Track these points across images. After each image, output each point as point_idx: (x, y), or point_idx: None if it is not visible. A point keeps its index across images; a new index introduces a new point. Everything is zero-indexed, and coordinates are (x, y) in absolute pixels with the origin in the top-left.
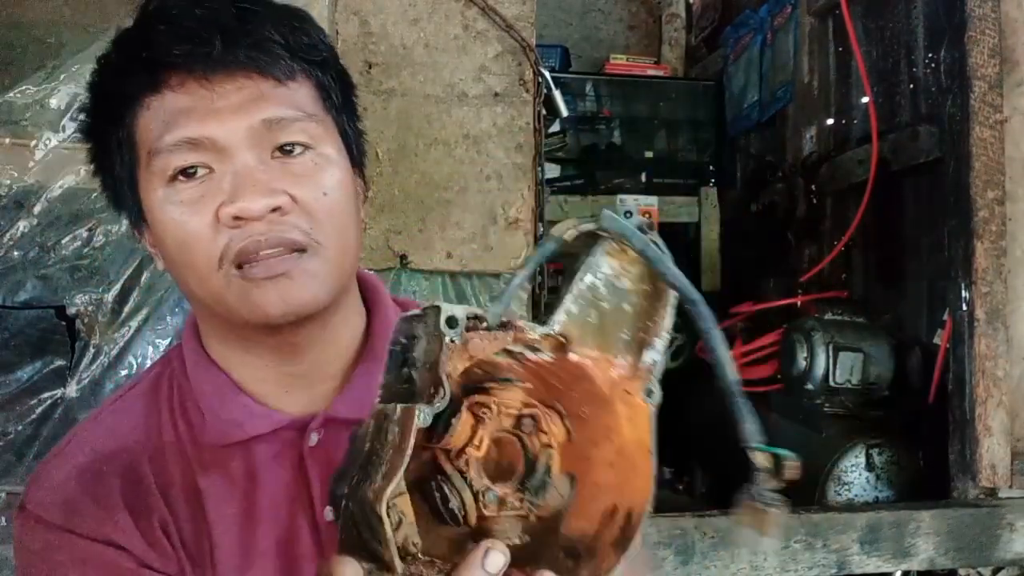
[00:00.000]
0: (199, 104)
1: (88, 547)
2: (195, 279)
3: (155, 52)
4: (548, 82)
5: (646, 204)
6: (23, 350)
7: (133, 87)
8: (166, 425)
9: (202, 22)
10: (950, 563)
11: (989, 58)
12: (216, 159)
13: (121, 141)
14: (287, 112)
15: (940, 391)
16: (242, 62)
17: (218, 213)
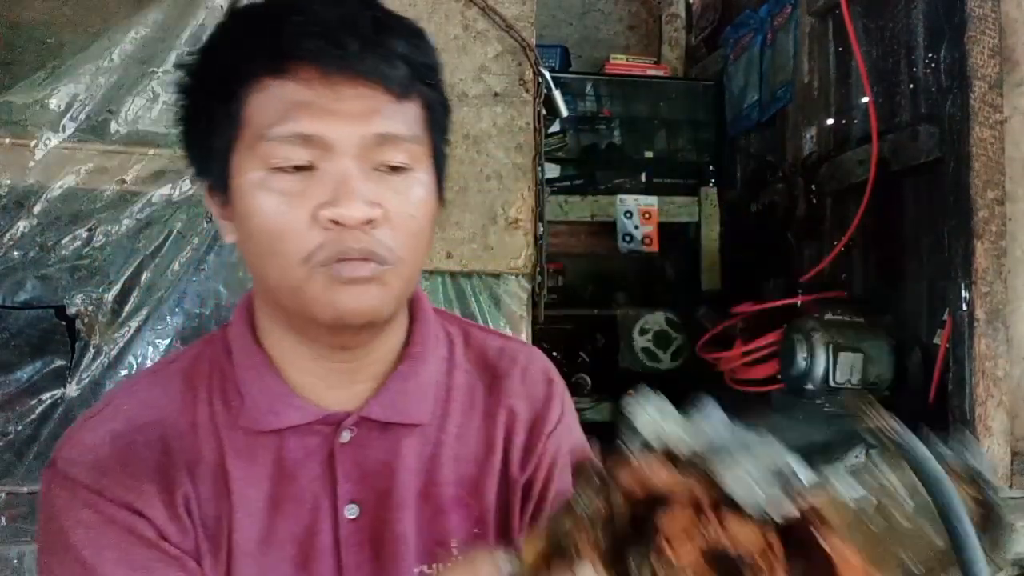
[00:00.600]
0: (319, 101)
1: (112, 510)
2: (277, 268)
3: (286, 40)
4: (548, 82)
5: (646, 204)
6: (23, 350)
7: (255, 66)
8: (202, 404)
9: (341, 23)
10: None
11: (989, 58)
12: (322, 158)
13: (229, 114)
14: (399, 130)
15: (940, 391)
16: (368, 71)
17: (316, 213)
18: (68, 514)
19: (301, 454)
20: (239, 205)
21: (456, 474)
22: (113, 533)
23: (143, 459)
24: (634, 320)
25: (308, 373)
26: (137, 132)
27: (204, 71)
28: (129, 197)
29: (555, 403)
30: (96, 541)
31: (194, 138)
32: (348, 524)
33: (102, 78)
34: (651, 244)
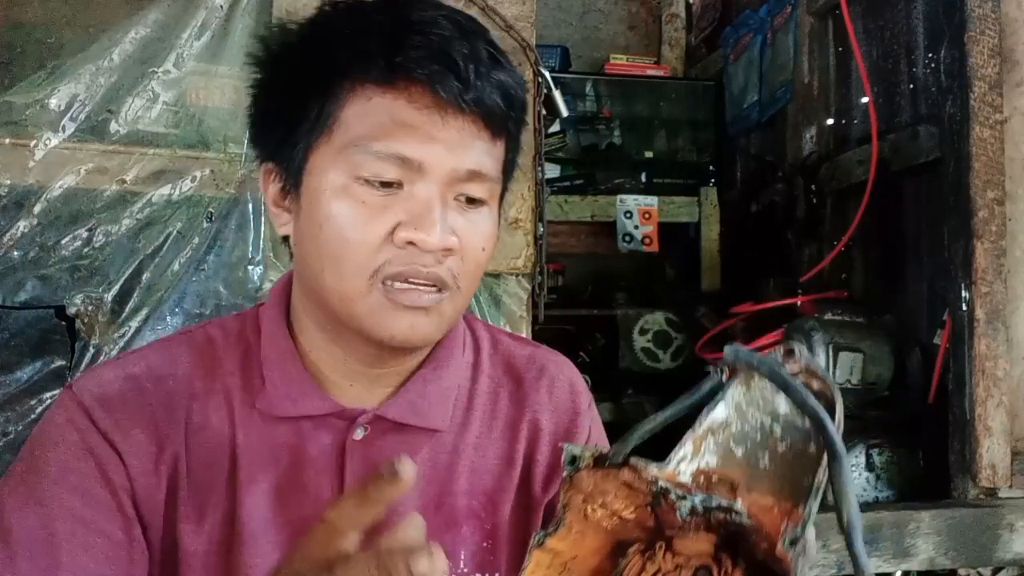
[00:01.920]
0: (424, 126)
1: (95, 440)
2: (336, 274)
3: (405, 58)
4: (548, 82)
5: (646, 204)
6: (23, 350)
7: (363, 72)
8: (222, 375)
9: (464, 54)
10: (950, 563)
11: (989, 58)
12: (410, 179)
13: (322, 111)
14: (487, 168)
15: (940, 391)
16: (476, 106)
17: (395, 232)
18: (57, 430)
19: (313, 445)
20: (312, 204)
21: (471, 485)
22: (85, 464)
23: (146, 406)
24: (634, 320)
25: (332, 370)
26: (137, 132)
27: (301, 56)
28: (129, 197)
29: (582, 419)
30: (66, 464)
31: (272, 121)
32: None
33: (102, 78)
34: (651, 244)
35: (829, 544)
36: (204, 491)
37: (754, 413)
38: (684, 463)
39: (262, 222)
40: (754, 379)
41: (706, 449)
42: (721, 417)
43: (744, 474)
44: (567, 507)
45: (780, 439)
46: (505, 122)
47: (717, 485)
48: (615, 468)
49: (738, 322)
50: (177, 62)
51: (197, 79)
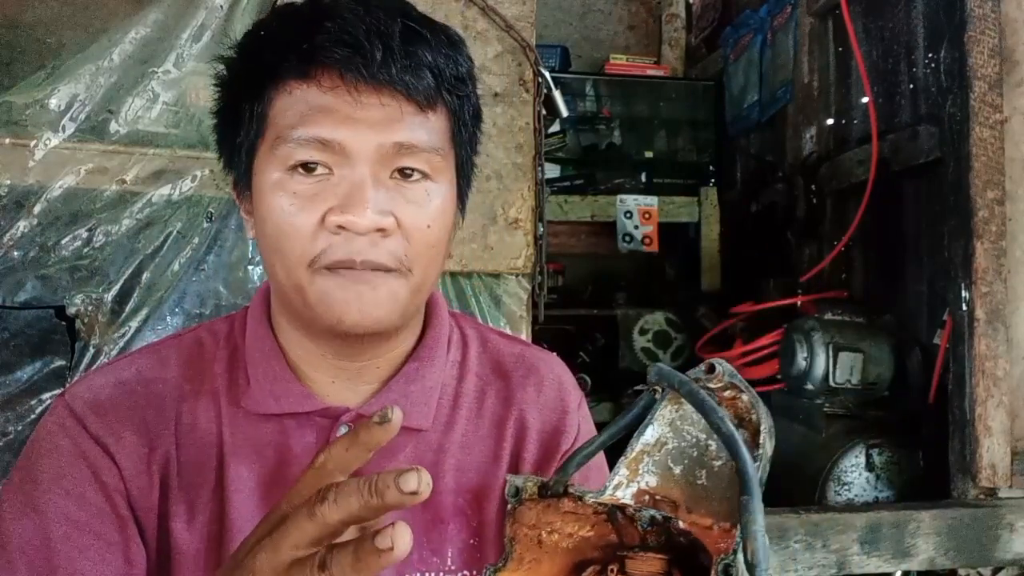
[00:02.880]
0: (340, 108)
1: (87, 445)
2: (282, 267)
3: (315, 45)
4: (548, 82)
5: (646, 204)
6: (23, 350)
7: (283, 69)
8: (211, 376)
9: (369, 33)
10: (950, 563)
11: (989, 58)
12: (338, 163)
13: (254, 113)
14: (419, 140)
15: (940, 391)
16: (391, 81)
17: (325, 217)
18: (50, 437)
19: (297, 443)
20: (258, 203)
21: (457, 483)
22: (78, 469)
23: (136, 409)
24: (634, 320)
25: (313, 368)
26: (137, 132)
27: (238, 68)
28: (129, 197)
29: (571, 418)
30: (60, 469)
31: (223, 133)
32: None
33: (102, 78)
34: (651, 244)
35: (829, 544)
36: (194, 490)
37: (689, 429)
38: (621, 489)
39: None
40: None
41: (644, 470)
42: (654, 437)
43: (684, 493)
44: (513, 540)
45: (716, 455)
46: (434, 93)
47: (660, 504)
48: (556, 498)
49: (738, 322)
50: (177, 62)
51: (197, 79)
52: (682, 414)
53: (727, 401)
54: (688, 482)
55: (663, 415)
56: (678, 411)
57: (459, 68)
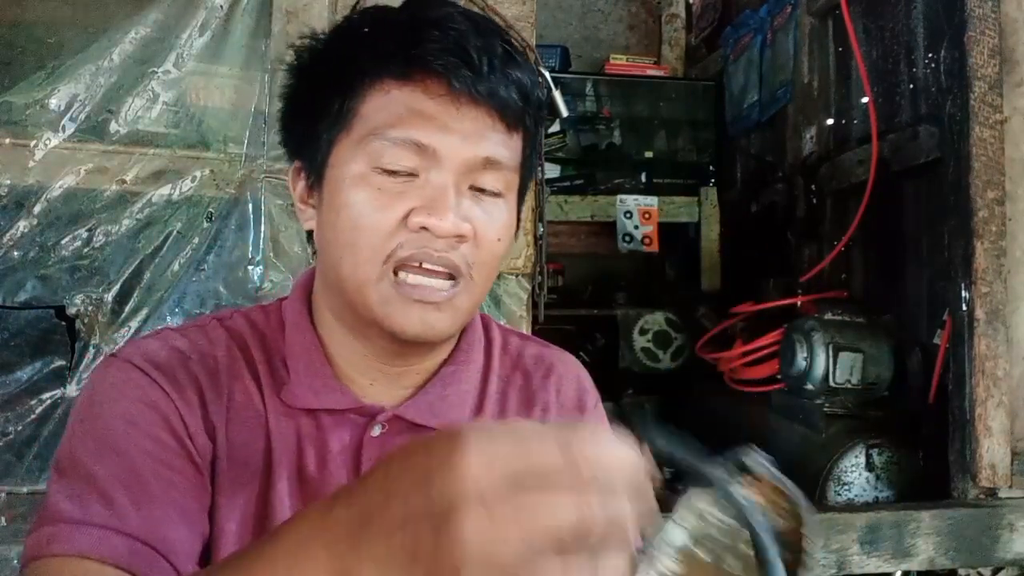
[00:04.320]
0: (440, 115)
1: (157, 395)
2: (351, 262)
3: (421, 52)
4: (548, 82)
5: (646, 204)
6: (23, 350)
7: (383, 68)
8: (251, 363)
9: (478, 48)
10: (950, 563)
11: (989, 58)
12: (426, 167)
13: (344, 106)
14: (503, 159)
15: (940, 391)
16: (490, 98)
17: (408, 216)
18: (114, 389)
19: (333, 438)
20: (332, 194)
21: None
22: (149, 414)
23: (192, 375)
24: (634, 320)
25: (354, 367)
26: (137, 132)
27: (326, 60)
28: (129, 197)
29: (588, 416)
30: (131, 415)
31: (298, 120)
32: None
33: (102, 78)
34: (651, 244)
35: (829, 544)
36: (240, 468)
37: (722, 518)
38: None
39: (262, 222)
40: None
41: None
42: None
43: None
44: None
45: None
46: (521, 116)
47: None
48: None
49: (738, 322)
50: (177, 62)
51: (197, 79)
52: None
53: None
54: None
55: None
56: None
57: (541, 95)
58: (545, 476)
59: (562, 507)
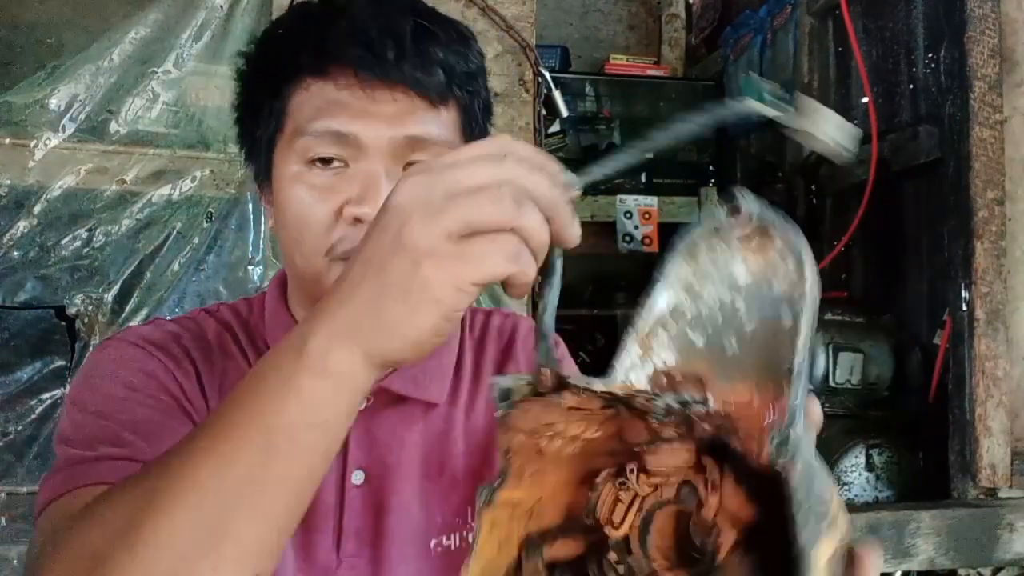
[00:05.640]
0: (355, 103)
1: (154, 365)
2: (300, 256)
3: (330, 44)
4: (548, 82)
5: (646, 204)
6: (23, 350)
7: (300, 66)
8: (241, 351)
9: (381, 32)
10: (950, 563)
11: (989, 58)
12: (353, 156)
13: (273, 108)
14: (430, 134)
15: (940, 391)
16: (403, 78)
17: (341, 209)
18: (113, 364)
19: None
20: (277, 195)
21: (468, 445)
22: (149, 382)
23: (187, 351)
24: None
25: None
26: (137, 132)
27: (257, 64)
28: (129, 197)
29: None
30: (132, 383)
31: (244, 127)
32: (352, 489)
33: (102, 78)
34: (651, 244)
35: None
36: None
37: (710, 290)
38: (635, 371)
39: (262, 222)
40: (701, 249)
41: (658, 347)
42: (669, 304)
43: (711, 367)
44: (510, 452)
45: (746, 317)
46: (445, 89)
47: (683, 384)
48: (556, 392)
49: None
50: (177, 62)
51: (197, 79)
52: (699, 272)
53: (770, 252)
54: (715, 353)
55: (677, 276)
56: (694, 270)
57: (469, 64)
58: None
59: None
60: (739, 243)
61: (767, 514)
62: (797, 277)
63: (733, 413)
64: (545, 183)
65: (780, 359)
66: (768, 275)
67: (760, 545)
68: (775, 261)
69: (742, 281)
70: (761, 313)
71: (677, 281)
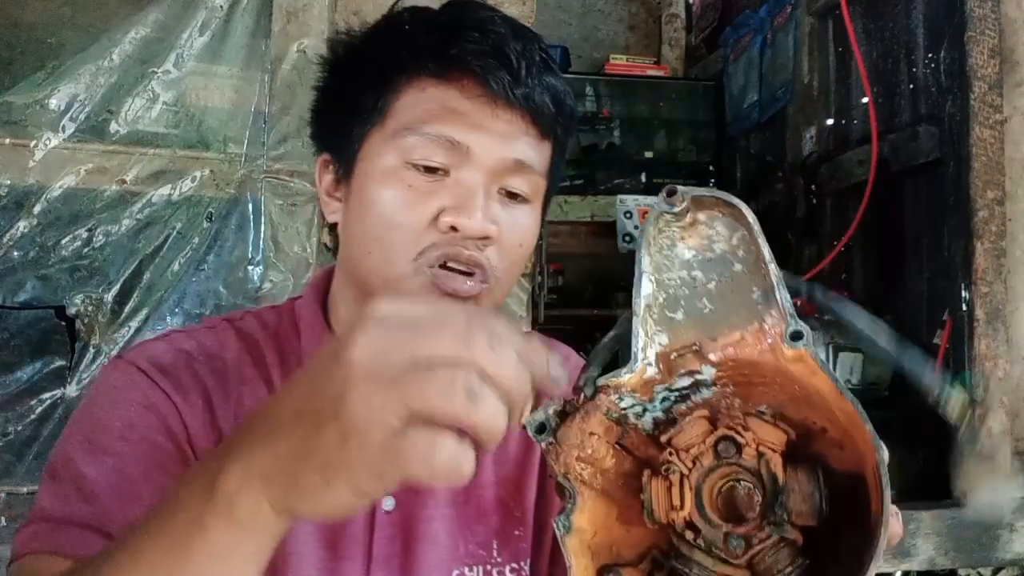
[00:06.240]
0: (473, 114)
1: (157, 397)
2: (381, 257)
3: (460, 52)
4: None
5: (646, 204)
6: (23, 350)
7: (420, 65)
8: (263, 365)
9: (518, 54)
10: (950, 563)
11: (989, 58)
12: (456, 166)
13: (378, 101)
14: (534, 163)
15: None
16: (526, 102)
17: (439, 215)
18: (116, 392)
19: None
20: (361, 188)
21: (497, 475)
22: (148, 418)
23: (199, 378)
24: None
25: None
26: (137, 132)
27: (362, 56)
28: (129, 197)
29: None
30: (130, 420)
31: (330, 114)
32: (383, 516)
33: (102, 78)
34: None
35: None
36: None
37: (670, 275)
38: (649, 349)
39: (262, 222)
40: (652, 245)
41: (652, 332)
42: (646, 296)
43: (698, 331)
44: (569, 474)
45: (705, 279)
46: (553, 123)
47: (679, 361)
48: (590, 400)
49: None
50: (177, 62)
51: (197, 79)
52: (656, 264)
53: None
54: (696, 320)
55: (644, 269)
56: (654, 263)
57: (571, 108)
58: (433, 358)
59: (443, 380)
60: (677, 230)
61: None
62: (729, 233)
63: (734, 354)
64: (509, 366)
65: (748, 296)
66: (705, 243)
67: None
68: (704, 231)
69: (689, 256)
70: (716, 271)
71: (646, 274)
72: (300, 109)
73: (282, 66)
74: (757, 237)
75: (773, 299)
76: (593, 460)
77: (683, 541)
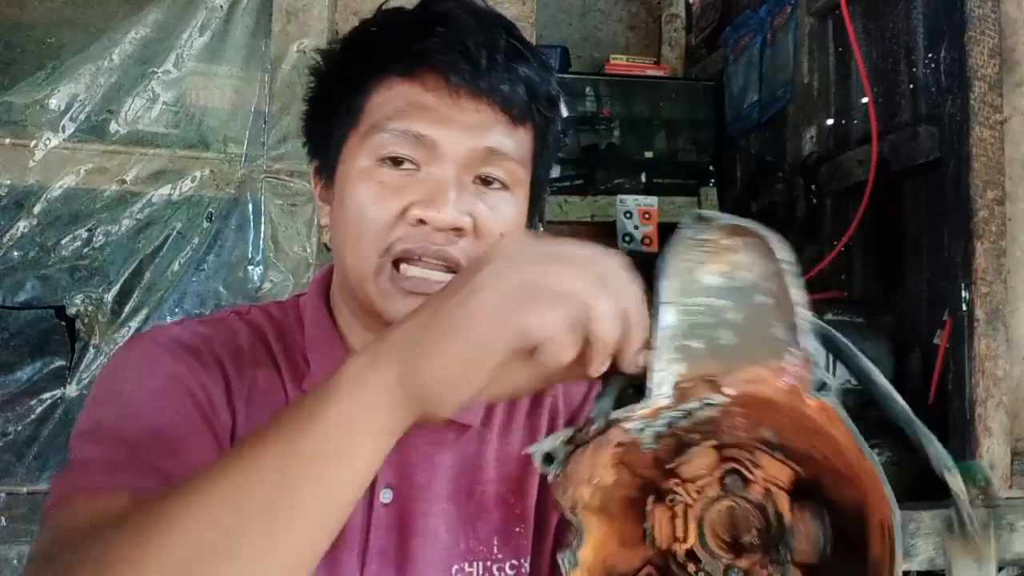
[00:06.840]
0: (439, 107)
1: (181, 369)
2: (354, 254)
3: (424, 47)
4: None
5: (646, 204)
6: (23, 350)
7: (387, 65)
8: (274, 355)
9: (478, 43)
10: None
11: (989, 58)
12: (426, 160)
13: (352, 104)
14: (507, 149)
15: (940, 391)
16: (492, 91)
17: (407, 210)
18: (139, 367)
19: None
20: (341, 190)
21: (499, 473)
22: (174, 388)
23: (217, 356)
24: None
25: None
26: (137, 132)
27: (341, 62)
28: (129, 197)
29: (589, 404)
30: (157, 389)
31: (316, 120)
32: (381, 507)
33: (102, 78)
34: (651, 244)
35: None
36: None
37: (694, 301)
38: (666, 385)
39: (262, 222)
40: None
41: (670, 360)
42: (667, 324)
43: (716, 361)
44: (576, 508)
45: (727, 310)
46: (527, 110)
47: (692, 391)
48: (601, 433)
49: None
50: (177, 62)
51: (197, 79)
52: (683, 290)
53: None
54: (716, 351)
55: (667, 296)
56: (679, 289)
57: (551, 90)
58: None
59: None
60: (703, 254)
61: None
62: (760, 261)
63: (752, 390)
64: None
65: (769, 331)
66: (731, 271)
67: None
68: (732, 259)
69: (715, 284)
70: (740, 302)
71: (670, 301)
72: (300, 109)
73: (282, 66)
74: (784, 272)
75: (796, 339)
76: (601, 485)
77: (683, 570)
